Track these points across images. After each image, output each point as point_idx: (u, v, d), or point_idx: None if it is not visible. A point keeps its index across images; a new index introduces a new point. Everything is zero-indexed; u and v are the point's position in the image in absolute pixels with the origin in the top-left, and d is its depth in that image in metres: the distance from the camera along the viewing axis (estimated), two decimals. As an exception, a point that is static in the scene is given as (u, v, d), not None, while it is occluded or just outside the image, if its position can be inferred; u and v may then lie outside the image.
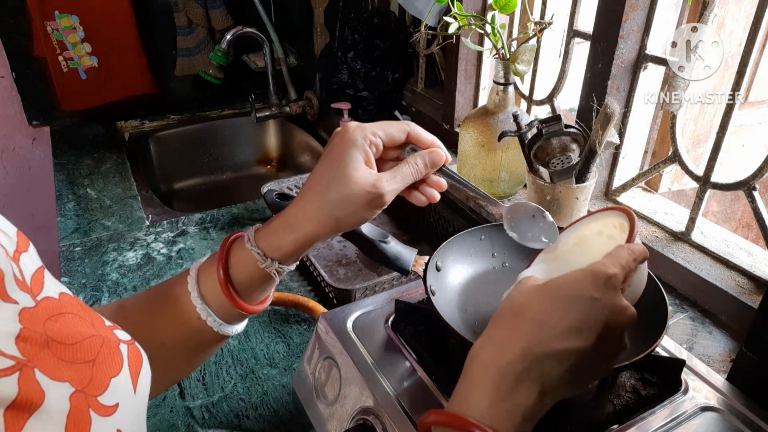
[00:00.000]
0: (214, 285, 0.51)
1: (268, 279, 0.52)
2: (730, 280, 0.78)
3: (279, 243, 0.50)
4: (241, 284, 0.52)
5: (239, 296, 0.52)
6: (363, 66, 1.40)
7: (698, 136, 1.20)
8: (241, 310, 0.53)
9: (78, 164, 1.48)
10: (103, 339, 0.39)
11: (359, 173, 0.48)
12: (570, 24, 0.97)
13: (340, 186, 0.48)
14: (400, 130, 0.51)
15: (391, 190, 0.49)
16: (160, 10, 1.68)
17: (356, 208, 0.48)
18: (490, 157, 1.02)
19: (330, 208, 0.48)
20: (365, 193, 0.48)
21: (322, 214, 0.49)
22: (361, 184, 0.48)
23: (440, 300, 0.63)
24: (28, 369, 0.32)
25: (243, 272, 0.52)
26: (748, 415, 0.56)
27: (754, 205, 0.78)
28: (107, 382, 0.37)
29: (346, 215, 0.49)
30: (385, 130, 0.50)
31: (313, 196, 0.49)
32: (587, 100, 0.93)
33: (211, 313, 0.52)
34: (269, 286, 0.54)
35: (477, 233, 0.71)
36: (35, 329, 0.34)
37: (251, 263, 0.51)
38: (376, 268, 1.06)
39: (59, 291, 0.39)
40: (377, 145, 0.50)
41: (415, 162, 0.51)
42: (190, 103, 1.80)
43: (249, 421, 0.75)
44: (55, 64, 1.57)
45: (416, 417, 0.56)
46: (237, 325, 0.55)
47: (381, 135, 0.50)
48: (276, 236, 0.51)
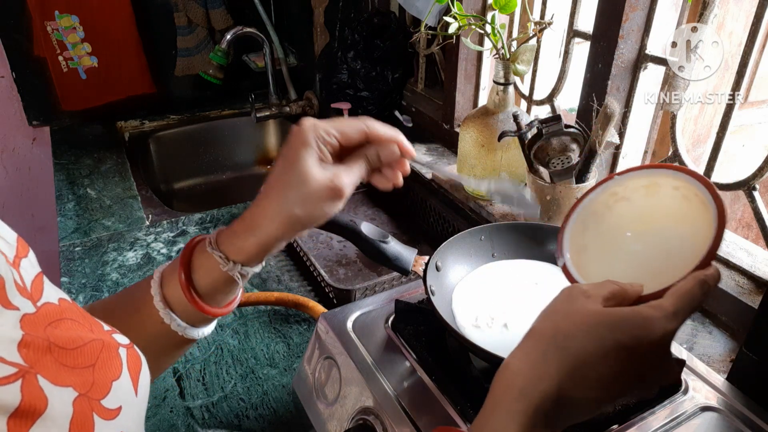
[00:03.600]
0: (177, 289, 0.51)
1: (232, 282, 0.52)
2: (730, 280, 0.78)
3: (241, 245, 0.50)
4: (204, 288, 0.51)
5: (203, 300, 0.52)
6: (363, 66, 1.40)
7: (698, 136, 1.20)
8: (205, 313, 0.52)
9: (78, 164, 1.48)
10: (102, 343, 0.39)
11: (315, 171, 0.48)
12: (570, 24, 0.97)
13: (298, 185, 0.48)
14: (356, 130, 0.50)
15: (349, 182, 0.49)
16: (160, 10, 1.68)
17: (317, 204, 0.48)
18: (490, 157, 1.02)
19: (290, 207, 0.48)
20: (324, 188, 0.48)
21: (283, 214, 0.48)
22: (319, 180, 0.47)
23: (440, 300, 0.63)
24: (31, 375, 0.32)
25: (206, 276, 0.51)
26: (748, 415, 0.56)
27: (754, 205, 0.78)
28: (109, 386, 0.37)
29: (307, 213, 0.48)
30: (339, 129, 0.49)
31: (273, 196, 0.49)
32: (587, 100, 0.93)
33: (174, 318, 0.51)
34: (234, 289, 0.54)
35: (477, 233, 0.71)
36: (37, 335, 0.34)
37: (214, 267, 0.50)
38: (376, 268, 1.06)
39: (58, 296, 0.39)
40: (331, 144, 0.49)
41: (368, 155, 0.51)
42: (190, 103, 1.80)
43: (249, 421, 0.75)
44: (55, 64, 1.57)
45: (416, 417, 0.56)
46: (203, 328, 0.55)
47: (335, 134, 0.49)
48: (238, 238, 0.50)
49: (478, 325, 0.62)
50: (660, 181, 0.51)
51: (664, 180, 0.51)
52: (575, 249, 0.53)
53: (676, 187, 0.50)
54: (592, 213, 0.53)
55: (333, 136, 0.49)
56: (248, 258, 0.50)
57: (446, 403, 0.57)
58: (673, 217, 0.49)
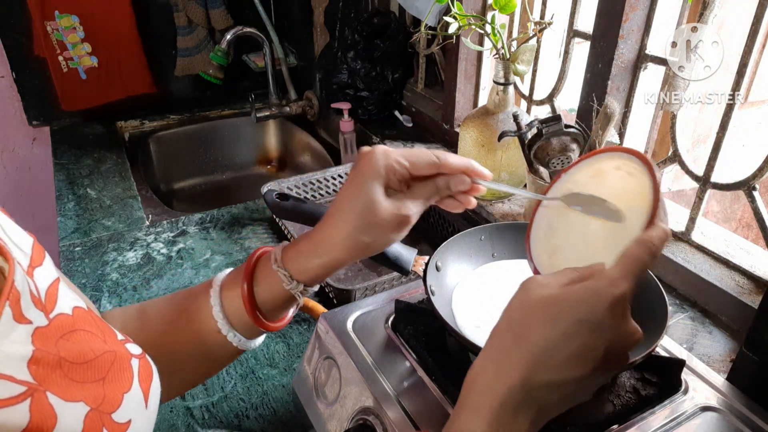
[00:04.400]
0: (237, 301, 0.51)
1: (291, 300, 0.52)
2: (730, 280, 0.78)
3: (306, 266, 0.51)
4: (264, 303, 0.52)
5: (261, 314, 0.52)
6: (363, 66, 1.40)
7: (698, 136, 1.20)
8: (262, 327, 0.53)
9: (78, 164, 1.48)
10: (115, 355, 0.38)
11: (382, 200, 0.48)
12: (570, 24, 0.97)
13: (366, 213, 0.48)
14: (427, 163, 0.50)
15: (416, 212, 0.50)
16: (160, 10, 1.68)
17: (384, 233, 0.49)
18: (490, 157, 1.02)
19: (358, 235, 0.49)
20: (392, 217, 0.49)
21: (350, 241, 0.49)
22: (387, 210, 0.48)
23: (440, 300, 0.63)
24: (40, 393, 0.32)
25: (267, 292, 0.52)
26: (748, 415, 0.56)
27: (754, 205, 0.78)
28: (120, 399, 0.37)
29: (374, 240, 0.50)
30: (410, 160, 0.49)
31: (341, 222, 0.49)
32: (587, 100, 0.93)
33: (231, 329, 0.52)
34: (291, 306, 0.55)
35: (477, 233, 0.71)
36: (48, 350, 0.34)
37: (276, 283, 0.51)
38: (376, 268, 1.06)
39: (73, 305, 0.38)
40: (401, 174, 0.49)
41: (437, 185, 0.51)
42: (190, 103, 1.80)
43: (249, 421, 0.75)
44: (55, 64, 1.57)
45: (416, 417, 0.56)
46: (256, 339, 0.55)
47: (406, 164, 0.49)
48: (304, 258, 0.51)
49: (478, 325, 0.62)
50: (602, 166, 0.51)
51: (605, 164, 0.51)
52: (546, 252, 0.53)
53: (618, 167, 0.50)
54: (556, 214, 0.53)
55: (404, 166, 0.49)
56: (311, 279, 0.51)
57: (446, 403, 0.57)
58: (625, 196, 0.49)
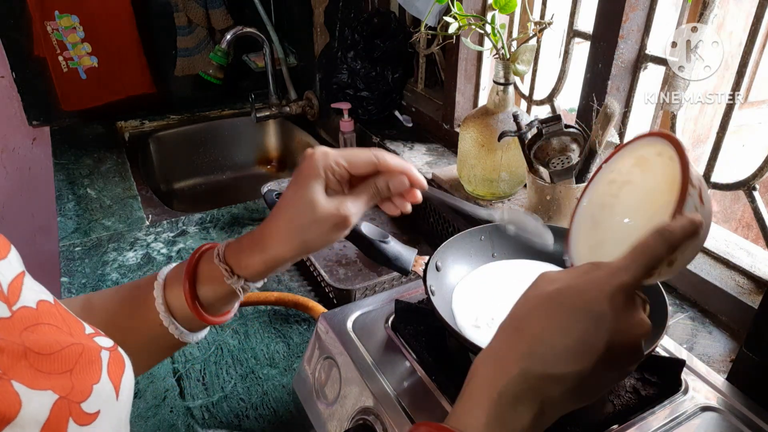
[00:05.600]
0: (180, 295, 0.52)
1: (233, 295, 0.54)
2: (730, 280, 0.78)
3: (247, 261, 0.52)
4: (206, 297, 0.53)
5: (203, 308, 0.53)
6: (363, 66, 1.40)
7: (698, 136, 1.20)
8: (204, 322, 0.54)
9: (78, 164, 1.47)
10: (82, 347, 0.38)
11: (322, 199, 0.50)
12: (570, 24, 0.97)
13: (306, 211, 0.50)
14: (365, 162, 0.52)
15: (355, 212, 0.51)
16: (160, 10, 1.68)
17: (323, 231, 0.50)
18: (490, 157, 1.02)
19: (298, 232, 0.50)
20: (331, 216, 0.50)
21: (290, 238, 0.51)
22: (325, 208, 0.50)
23: (440, 300, 0.63)
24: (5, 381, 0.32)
25: (209, 286, 0.53)
26: (748, 415, 0.56)
27: (754, 205, 0.78)
28: (90, 389, 0.37)
29: (313, 238, 0.51)
30: (349, 159, 0.51)
31: (282, 219, 0.51)
32: (587, 100, 0.93)
33: (173, 321, 0.53)
34: (234, 301, 0.56)
35: (477, 233, 0.71)
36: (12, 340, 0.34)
37: (218, 278, 0.52)
38: (376, 268, 1.06)
39: (38, 299, 0.38)
40: (340, 173, 0.51)
41: (377, 185, 0.52)
42: (190, 103, 1.80)
43: (249, 421, 0.75)
44: (55, 64, 1.57)
45: (416, 417, 0.56)
46: (198, 333, 0.57)
47: (344, 164, 0.51)
48: (245, 254, 0.52)
49: (478, 325, 0.62)
50: (643, 153, 0.50)
51: (645, 150, 0.50)
52: (588, 247, 0.52)
53: (659, 153, 0.48)
54: (600, 207, 0.52)
55: (342, 166, 0.51)
56: (253, 274, 0.52)
57: (446, 403, 0.57)
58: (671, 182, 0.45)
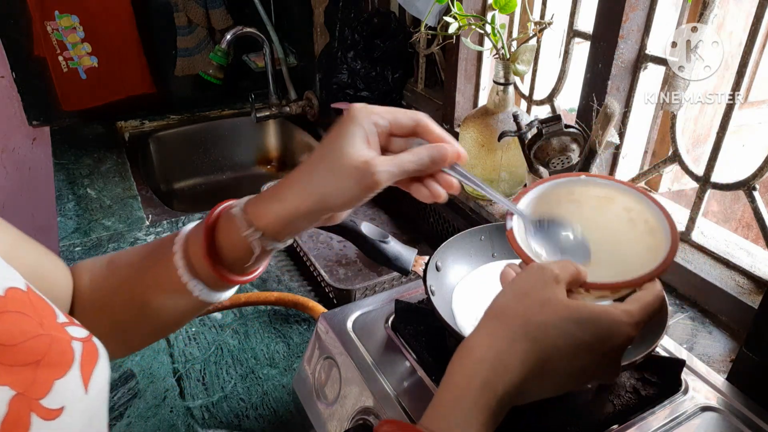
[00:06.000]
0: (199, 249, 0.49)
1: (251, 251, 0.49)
2: (730, 280, 0.78)
3: (264, 211, 0.47)
4: (223, 250, 0.49)
5: (224, 265, 0.50)
6: (363, 66, 1.40)
7: (698, 136, 1.20)
8: (220, 277, 0.50)
9: (78, 164, 1.47)
10: (51, 338, 0.37)
11: (354, 149, 0.45)
12: (570, 24, 0.97)
13: (331, 159, 0.45)
14: (408, 117, 0.47)
15: (385, 171, 0.45)
16: (160, 10, 1.68)
17: (343, 184, 0.45)
18: (490, 157, 1.02)
19: (317, 181, 0.45)
20: (355, 169, 0.44)
21: (308, 187, 0.46)
22: (353, 158, 0.44)
23: (440, 300, 0.63)
24: None
25: (226, 239, 0.49)
26: (748, 415, 0.56)
27: (754, 205, 0.78)
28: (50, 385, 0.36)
29: (332, 191, 0.45)
30: (392, 113, 0.47)
31: (305, 168, 0.47)
32: (587, 100, 0.93)
33: (192, 277, 0.49)
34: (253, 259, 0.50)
35: (477, 233, 0.71)
36: None
37: (235, 230, 0.48)
38: (376, 268, 1.06)
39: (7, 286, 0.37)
40: (382, 126, 0.47)
41: (418, 152, 0.47)
42: (190, 103, 1.80)
43: (249, 421, 0.75)
44: (55, 64, 1.57)
45: (416, 417, 0.56)
46: (222, 293, 0.53)
47: (387, 116, 0.47)
48: (263, 204, 0.48)
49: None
50: (617, 197, 0.52)
51: (622, 198, 0.52)
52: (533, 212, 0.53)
53: (628, 209, 0.52)
54: (545, 201, 0.53)
55: (384, 117, 0.47)
56: (269, 227, 0.47)
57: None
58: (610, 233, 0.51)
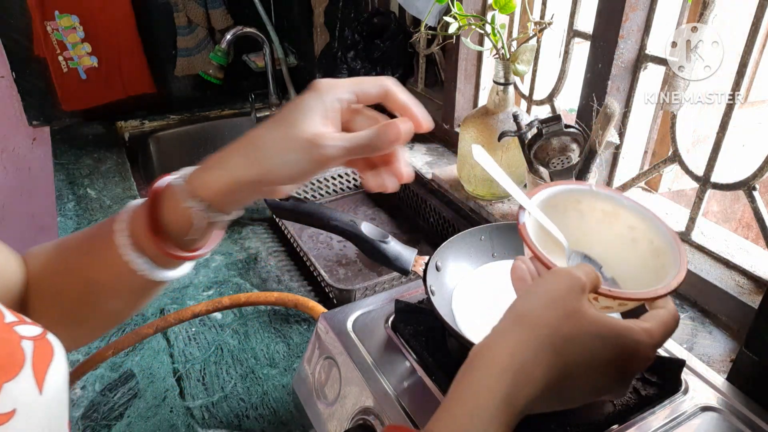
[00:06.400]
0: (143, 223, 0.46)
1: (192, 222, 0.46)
2: (730, 280, 0.78)
3: (206, 179, 0.45)
4: (170, 227, 0.47)
5: (169, 240, 0.47)
6: (363, 66, 1.40)
7: (698, 136, 1.20)
8: (165, 254, 0.47)
9: (78, 164, 1.47)
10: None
11: (306, 121, 0.42)
12: (570, 24, 0.97)
13: (281, 129, 0.43)
14: (375, 84, 0.45)
15: (333, 146, 0.42)
16: (160, 10, 1.68)
17: (290, 156, 0.42)
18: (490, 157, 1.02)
19: (263, 151, 0.43)
20: (305, 140, 0.42)
21: (252, 156, 0.44)
22: (303, 130, 0.42)
23: (440, 300, 0.63)
24: None
25: (170, 213, 0.46)
26: (748, 415, 0.56)
27: (754, 205, 0.78)
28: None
29: (277, 162, 0.43)
30: (358, 83, 0.45)
31: (252, 136, 0.44)
32: (587, 100, 0.93)
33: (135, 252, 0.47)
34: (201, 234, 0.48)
35: (477, 233, 0.71)
36: None
37: (177, 200, 0.45)
38: (376, 268, 1.06)
39: None
40: (347, 100, 0.44)
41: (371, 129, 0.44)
42: (190, 103, 1.80)
43: (249, 421, 0.75)
44: (55, 64, 1.57)
45: (416, 417, 0.56)
46: (171, 270, 0.49)
47: (353, 88, 0.44)
48: (204, 173, 0.46)
49: (478, 325, 0.62)
50: (622, 213, 0.52)
51: (627, 216, 0.52)
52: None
53: (632, 228, 0.52)
54: (552, 205, 0.53)
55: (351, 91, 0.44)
56: (210, 196, 0.45)
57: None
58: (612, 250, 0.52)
